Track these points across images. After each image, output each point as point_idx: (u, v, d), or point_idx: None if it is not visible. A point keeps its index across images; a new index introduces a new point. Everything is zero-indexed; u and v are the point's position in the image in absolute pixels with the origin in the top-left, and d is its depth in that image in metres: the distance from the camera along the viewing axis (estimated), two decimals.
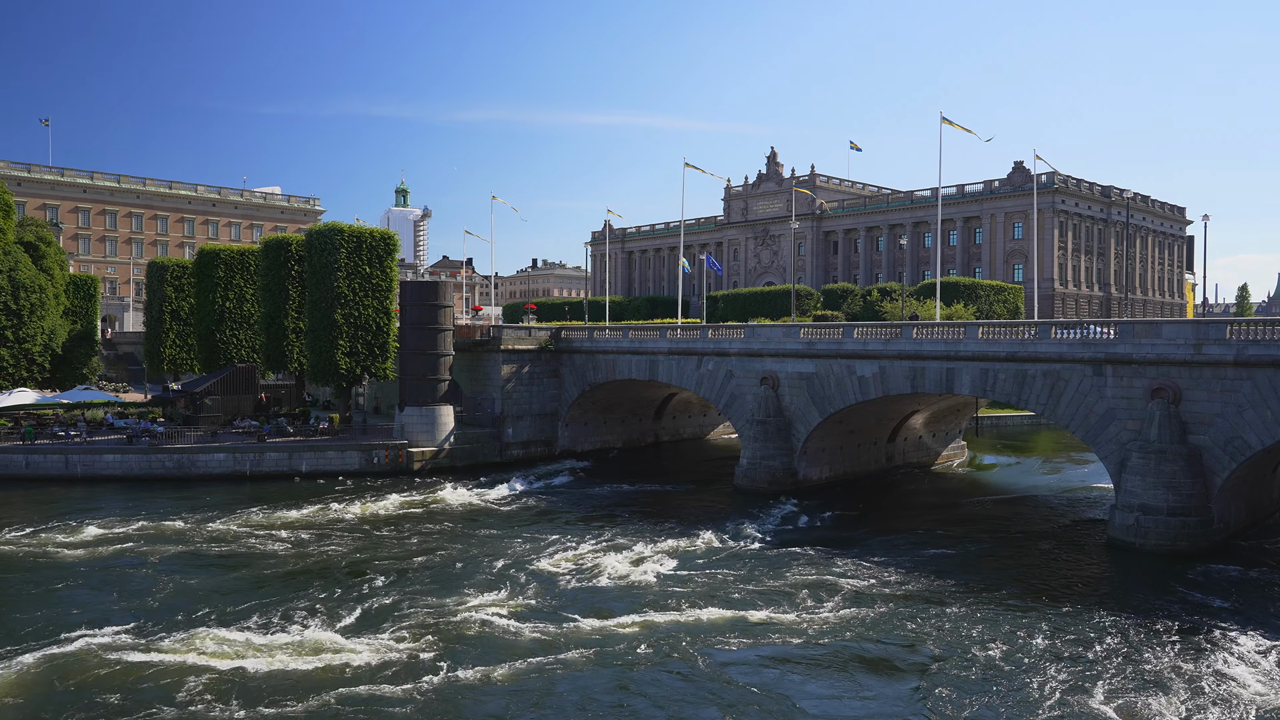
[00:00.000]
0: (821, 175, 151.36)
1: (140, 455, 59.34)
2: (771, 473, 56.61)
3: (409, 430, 64.24)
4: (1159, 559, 40.01)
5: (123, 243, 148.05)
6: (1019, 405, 48.05)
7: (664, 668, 27.82)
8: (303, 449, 61.59)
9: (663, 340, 66.01)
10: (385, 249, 68.22)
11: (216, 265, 79.18)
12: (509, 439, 69.20)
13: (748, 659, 28.61)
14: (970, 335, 49.38)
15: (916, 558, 40.85)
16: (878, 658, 28.84)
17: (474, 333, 71.89)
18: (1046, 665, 27.94)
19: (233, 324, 79.59)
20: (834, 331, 56.42)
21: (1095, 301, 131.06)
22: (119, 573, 37.77)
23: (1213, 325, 41.35)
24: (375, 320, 67.55)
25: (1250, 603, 34.44)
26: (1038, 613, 32.92)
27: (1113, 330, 44.63)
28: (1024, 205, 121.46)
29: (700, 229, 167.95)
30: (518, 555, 40.76)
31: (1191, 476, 40.54)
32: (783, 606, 33.60)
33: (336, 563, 39.55)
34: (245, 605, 33.30)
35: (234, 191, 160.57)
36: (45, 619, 31.73)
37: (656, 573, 37.98)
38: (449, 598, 34.36)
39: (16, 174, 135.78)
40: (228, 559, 40.07)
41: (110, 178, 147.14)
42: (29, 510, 49.38)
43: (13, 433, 63.64)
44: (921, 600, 34.53)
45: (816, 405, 55.53)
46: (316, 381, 70.85)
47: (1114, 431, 43.51)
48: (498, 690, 26.19)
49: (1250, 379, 39.44)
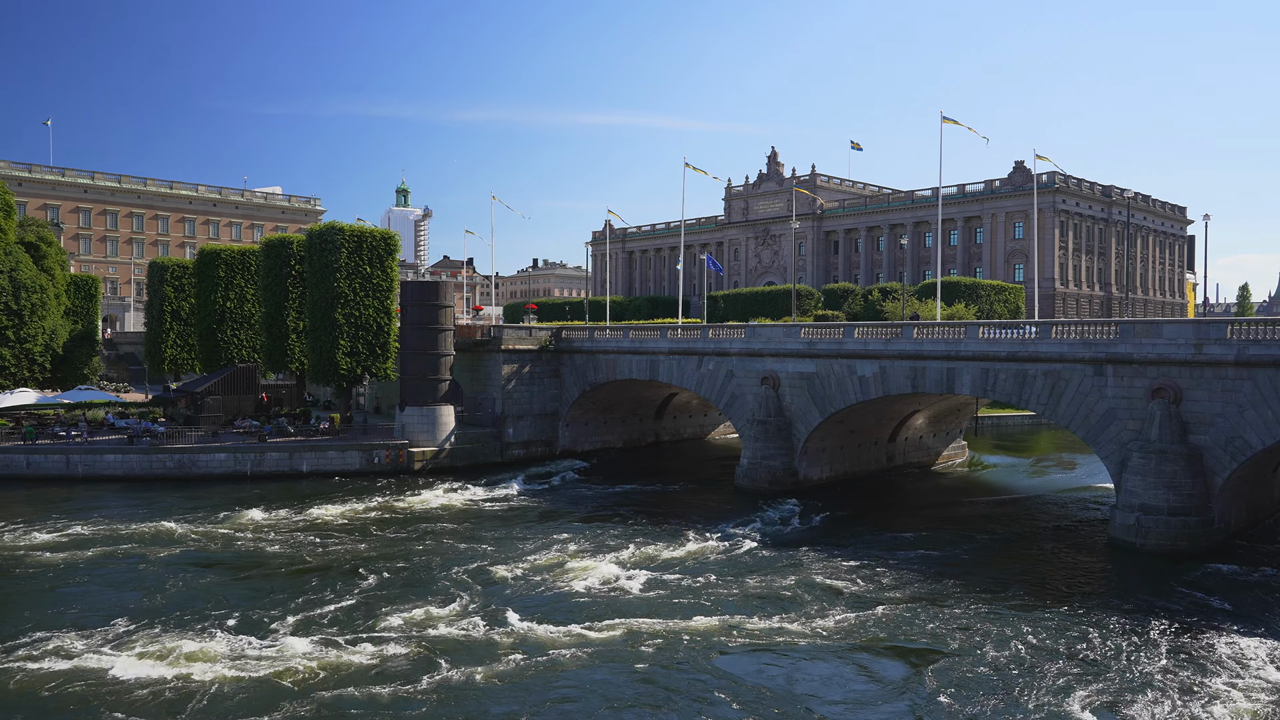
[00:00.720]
0: (822, 175, 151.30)
1: (141, 455, 59.40)
2: (772, 473, 56.63)
3: (410, 430, 64.27)
4: (1160, 559, 40.03)
5: (124, 243, 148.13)
6: (1019, 405, 48.05)
7: (666, 667, 27.83)
8: (303, 449, 61.64)
9: (663, 340, 66.02)
10: (386, 249, 68.29)
11: (217, 265, 79.29)
12: (510, 439, 69.23)
13: (750, 658, 28.64)
14: (971, 335, 49.39)
15: (917, 558, 40.87)
16: (880, 657, 28.86)
17: (475, 332, 71.91)
18: (1047, 665, 27.96)
19: (233, 324, 79.68)
20: (834, 331, 56.43)
21: (1096, 301, 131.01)
22: (120, 573, 37.80)
23: (1213, 325, 41.33)
24: (376, 320, 67.60)
25: (1251, 603, 34.45)
26: (1039, 613, 32.93)
27: (1113, 330, 44.62)
28: (1025, 205, 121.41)
29: (701, 229, 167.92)
30: (519, 555, 40.78)
31: (1192, 476, 40.55)
32: (784, 606, 33.63)
33: (337, 563, 39.55)
34: (247, 605, 33.34)
35: (235, 191, 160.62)
36: (47, 619, 31.75)
37: (658, 573, 38.00)
38: (450, 598, 34.39)
39: (17, 174, 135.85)
40: (229, 559, 40.11)
41: (111, 178, 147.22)
42: (31, 510, 49.42)
43: (14, 433, 63.75)
44: (923, 600, 34.55)
45: (817, 405, 55.54)
46: (317, 381, 70.90)
47: (1114, 431, 43.51)
48: (499, 690, 26.21)
49: (1251, 379, 39.44)
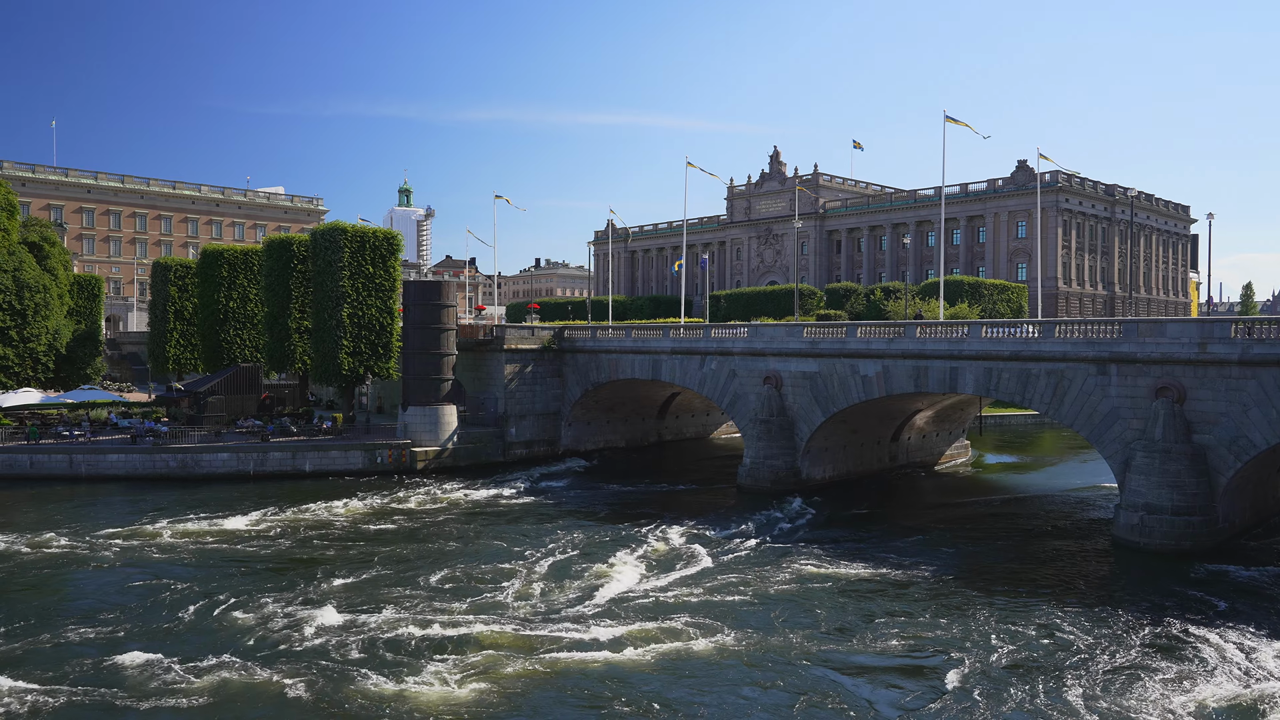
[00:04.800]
0: (824, 174, 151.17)
1: (144, 455, 59.46)
2: (775, 472, 56.57)
3: (412, 430, 64.28)
4: (1163, 558, 39.94)
5: (127, 243, 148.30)
6: (1023, 404, 47.95)
7: (669, 668, 27.79)
8: (306, 448, 61.67)
9: (666, 340, 65.97)
10: (389, 248, 68.31)
11: (220, 265, 79.36)
12: (512, 438, 69.21)
13: (753, 658, 28.58)
14: (974, 334, 49.31)
15: (920, 557, 40.80)
16: (884, 656, 28.82)
17: (477, 332, 71.89)
18: (1050, 664, 27.91)
19: (236, 324, 79.74)
20: (837, 331, 56.35)
21: (1099, 300, 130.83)
22: (122, 573, 37.79)
23: (1217, 324, 41.22)
24: (378, 320, 67.61)
25: (1254, 603, 34.36)
26: (1042, 612, 32.88)
27: (1117, 329, 44.52)
28: (1027, 204, 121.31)
29: (703, 228, 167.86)
30: (521, 555, 40.77)
31: (1196, 476, 40.46)
32: (787, 606, 33.59)
33: (339, 563, 39.55)
34: (248, 605, 33.34)
35: (238, 191, 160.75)
36: (48, 619, 31.80)
37: (661, 572, 37.98)
38: (453, 598, 34.39)
39: (21, 174, 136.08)
40: (232, 559, 40.11)
41: (114, 178, 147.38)
42: (34, 510, 49.53)
43: (17, 432, 63.83)
44: (926, 600, 34.51)
45: (820, 404, 55.48)
46: (320, 381, 70.93)
47: (1118, 431, 43.42)
48: (501, 690, 26.17)
49: (1255, 378, 39.33)
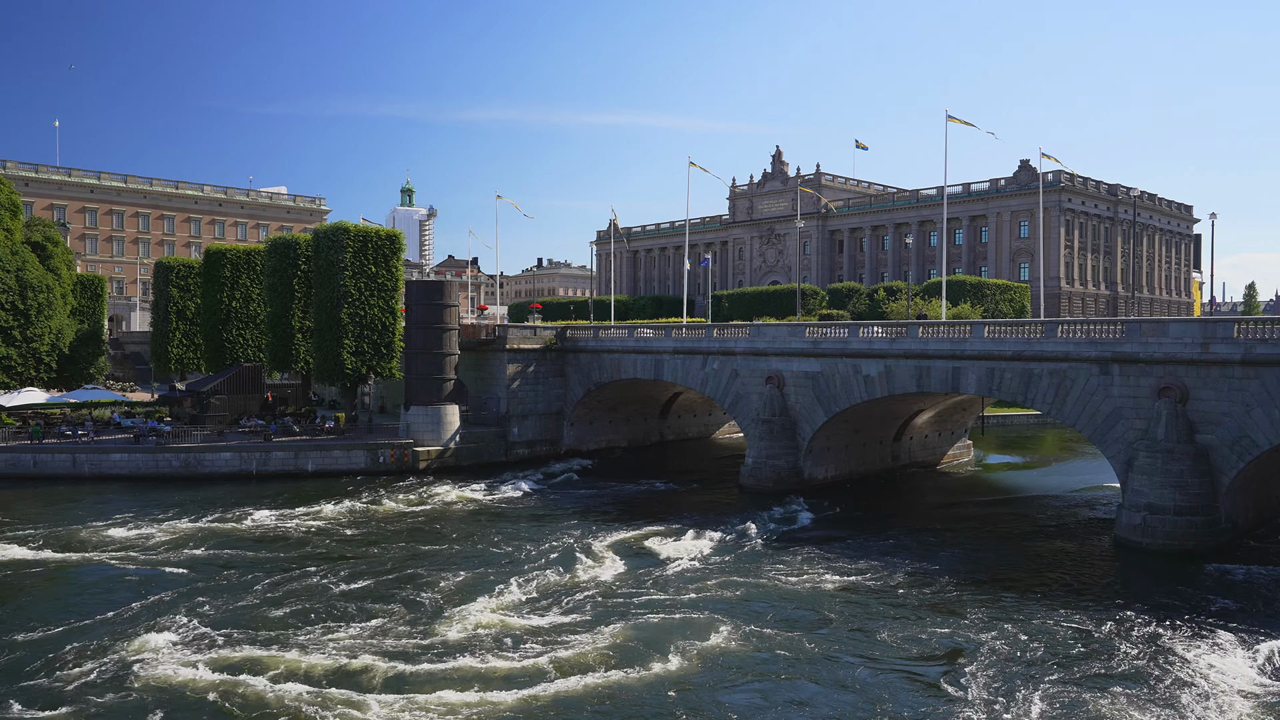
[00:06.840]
0: (827, 174, 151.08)
1: (147, 454, 59.54)
2: (777, 472, 56.55)
3: (414, 429, 64.31)
4: (1166, 558, 39.89)
5: (129, 242, 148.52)
6: (1025, 404, 47.91)
7: (671, 668, 27.77)
8: (309, 448, 61.72)
9: (668, 339, 65.96)
10: (391, 248, 68.35)
11: (223, 265, 79.45)
12: (514, 438, 69.24)
13: (756, 658, 28.58)
14: (976, 334, 49.27)
15: (922, 557, 40.77)
16: (887, 656, 28.79)
17: (479, 332, 71.92)
18: (1052, 664, 27.89)
19: (239, 323, 79.82)
20: (839, 331, 56.34)
21: (1102, 300, 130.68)
22: (124, 573, 37.83)
23: (1220, 324, 41.16)
24: (381, 320, 67.65)
25: (1257, 603, 34.31)
26: (1044, 612, 32.86)
27: (1119, 329, 44.47)
28: (1030, 204, 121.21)
29: (705, 228, 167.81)
30: (523, 555, 40.79)
31: (1199, 476, 40.40)
32: (790, 606, 33.59)
33: (341, 563, 39.57)
34: (249, 605, 33.41)
35: (240, 191, 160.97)
36: (48, 619, 31.84)
37: (664, 572, 37.99)
38: (453, 599, 34.40)
39: (24, 174, 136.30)
40: (234, 558, 40.15)
41: (117, 178, 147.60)
42: (37, 509, 49.60)
43: (20, 432, 63.93)
44: (929, 600, 34.49)
45: (822, 404, 55.46)
46: (322, 381, 71.00)
47: (1121, 430, 43.37)
48: (502, 690, 26.17)
49: (1258, 378, 39.27)
